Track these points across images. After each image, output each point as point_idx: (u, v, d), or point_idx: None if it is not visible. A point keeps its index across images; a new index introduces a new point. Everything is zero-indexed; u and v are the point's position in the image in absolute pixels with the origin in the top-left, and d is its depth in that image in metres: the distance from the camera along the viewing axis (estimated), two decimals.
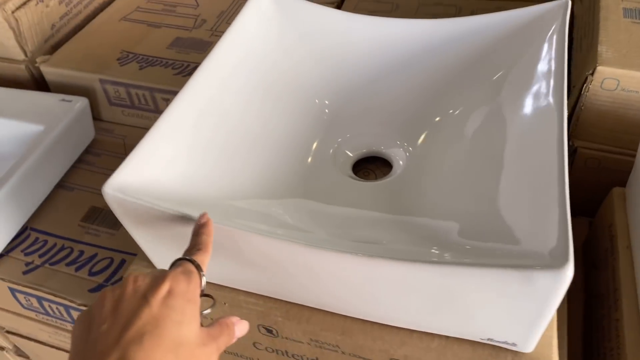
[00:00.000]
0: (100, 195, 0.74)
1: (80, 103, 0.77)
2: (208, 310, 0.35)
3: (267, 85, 0.52)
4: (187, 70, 0.80)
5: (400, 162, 0.51)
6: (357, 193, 0.49)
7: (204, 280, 0.34)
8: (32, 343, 0.75)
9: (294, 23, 0.54)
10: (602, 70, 0.57)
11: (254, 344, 0.44)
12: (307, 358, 0.44)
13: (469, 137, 0.49)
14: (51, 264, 0.68)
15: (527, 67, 0.48)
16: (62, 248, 0.70)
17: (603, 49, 0.59)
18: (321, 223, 0.44)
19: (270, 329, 0.43)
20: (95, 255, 0.68)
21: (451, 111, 0.52)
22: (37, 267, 0.66)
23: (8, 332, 0.76)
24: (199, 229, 0.38)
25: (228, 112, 0.48)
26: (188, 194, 0.42)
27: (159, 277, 0.32)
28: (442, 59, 0.52)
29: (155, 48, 0.84)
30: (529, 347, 0.38)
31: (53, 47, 0.87)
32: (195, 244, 0.36)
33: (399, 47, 0.54)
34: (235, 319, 0.35)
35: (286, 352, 0.44)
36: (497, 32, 0.50)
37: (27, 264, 0.66)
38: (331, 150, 0.52)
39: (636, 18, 0.63)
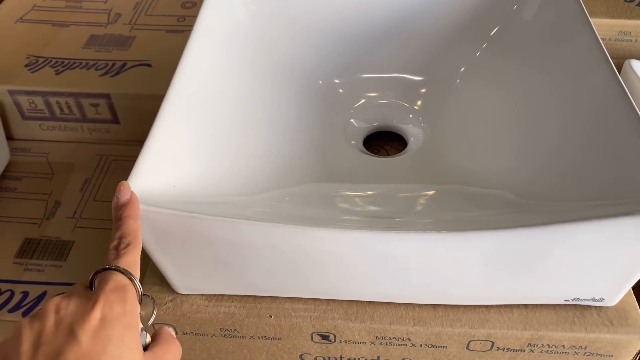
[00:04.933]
0: (34, 224, 0.63)
1: None
2: (152, 319, 0.29)
3: (261, 70, 0.46)
4: (113, 70, 0.70)
5: (418, 133, 0.48)
6: (382, 170, 0.45)
7: (140, 288, 0.28)
8: None
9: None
10: None
11: (301, 356, 0.39)
12: (366, 359, 0.39)
13: (497, 92, 0.46)
14: None
15: (537, 10, 0.46)
16: None
17: None
18: (362, 207, 0.40)
19: (327, 334, 0.37)
20: (44, 294, 0.58)
21: (463, 69, 0.49)
22: None
23: None
24: (122, 211, 0.31)
25: (227, 102, 0.42)
26: (207, 196, 0.35)
27: (86, 301, 0.26)
28: (443, 14, 0.49)
29: (68, 49, 0.74)
30: (615, 300, 0.36)
31: None
32: (122, 238, 0.29)
33: (385, 10, 0.50)
34: (170, 329, 0.30)
35: (340, 357, 0.39)
36: None
37: None
38: (342, 128, 0.48)
39: None
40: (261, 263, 0.33)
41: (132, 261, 0.29)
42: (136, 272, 0.28)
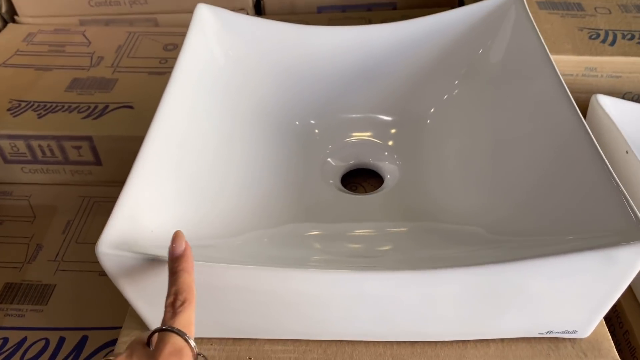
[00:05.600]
0: (15, 268, 0.63)
1: None
2: None
3: (239, 113, 0.47)
4: (96, 112, 0.71)
5: (394, 170, 0.49)
6: (359, 207, 0.46)
7: (195, 349, 0.29)
8: None
9: (246, 43, 0.50)
10: None
11: None
12: None
13: (466, 131, 0.48)
14: None
15: (503, 53, 0.48)
16: None
17: None
18: (340, 246, 0.41)
19: None
20: (24, 339, 0.58)
21: (432, 110, 0.51)
22: None
23: None
24: (178, 264, 0.32)
25: (205, 144, 0.43)
26: (188, 240, 0.36)
27: None
28: (413, 58, 0.51)
29: (51, 92, 0.75)
30: (588, 332, 0.37)
31: None
32: (177, 294, 0.31)
33: (358, 54, 0.52)
34: None
35: None
36: (461, 26, 0.51)
37: None
38: (319, 167, 0.49)
39: (550, 9, 0.67)
40: (239, 305, 0.34)
41: (187, 320, 0.30)
42: (191, 331, 0.30)
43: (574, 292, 0.33)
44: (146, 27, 0.90)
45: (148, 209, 0.36)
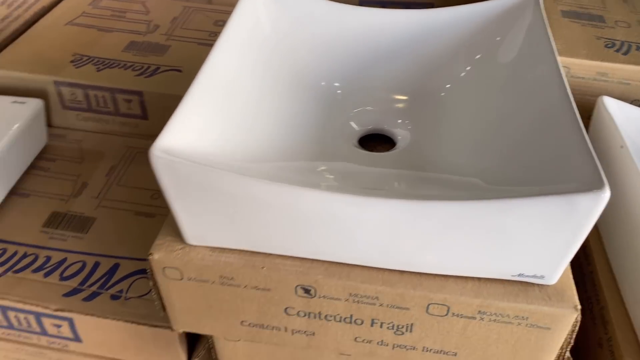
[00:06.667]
0: (62, 200, 0.71)
1: (35, 104, 0.73)
2: None
3: (278, 72, 0.54)
4: (148, 72, 0.79)
5: (406, 135, 0.55)
6: (373, 160, 0.52)
7: None
8: None
9: (291, 14, 0.57)
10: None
11: (285, 309, 0.45)
12: (341, 317, 0.45)
13: (474, 105, 0.54)
14: (15, 272, 0.64)
15: (518, 43, 0.54)
16: (25, 255, 0.65)
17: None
18: (352, 181, 0.47)
19: (309, 288, 0.44)
20: (65, 259, 0.65)
21: (448, 86, 0.57)
22: None
23: None
24: None
25: (244, 88, 0.49)
26: (222, 159, 0.43)
27: None
28: (438, 41, 0.57)
29: (110, 51, 0.83)
30: (554, 279, 0.43)
31: None
32: None
33: (389, 35, 0.58)
34: None
35: (319, 314, 0.45)
36: (483, 17, 0.57)
37: None
38: (340, 128, 0.56)
39: (573, 18, 0.72)
40: (257, 221, 0.40)
41: None
42: None
43: (540, 235, 0.39)
44: (200, 3, 0.97)
45: (195, 130, 0.43)
